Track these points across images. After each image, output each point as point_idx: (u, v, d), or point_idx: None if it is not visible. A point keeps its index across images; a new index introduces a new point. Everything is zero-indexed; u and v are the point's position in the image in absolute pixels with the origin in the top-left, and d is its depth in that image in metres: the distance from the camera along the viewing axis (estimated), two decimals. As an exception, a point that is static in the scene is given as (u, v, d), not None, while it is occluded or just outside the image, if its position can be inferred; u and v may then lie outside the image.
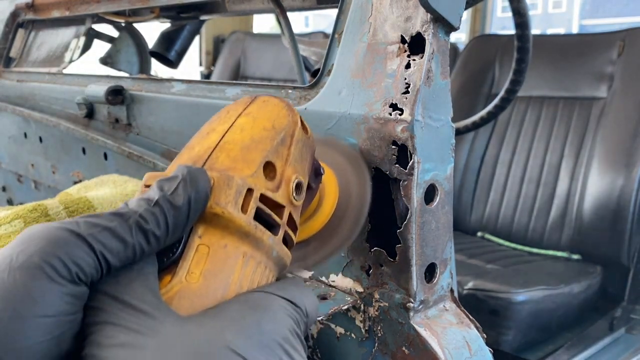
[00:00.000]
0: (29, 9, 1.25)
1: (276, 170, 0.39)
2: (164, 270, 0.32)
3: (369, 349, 0.59)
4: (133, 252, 0.30)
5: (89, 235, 0.28)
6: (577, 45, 1.76)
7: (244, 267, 0.34)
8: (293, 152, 0.41)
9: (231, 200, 0.34)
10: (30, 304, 0.26)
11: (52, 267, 0.27)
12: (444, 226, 0.55)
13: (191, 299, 0.30)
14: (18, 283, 0.26)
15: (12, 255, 0.27)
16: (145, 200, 0.31)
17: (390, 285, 0.55)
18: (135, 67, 1.33)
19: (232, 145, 0.38)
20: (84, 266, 0.28)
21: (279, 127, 0.40)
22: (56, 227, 0.28)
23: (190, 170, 0.33)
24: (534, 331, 1.37)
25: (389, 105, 0.52)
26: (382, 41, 0.54)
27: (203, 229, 0.34)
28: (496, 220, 1.75)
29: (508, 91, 1.14)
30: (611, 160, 1.55)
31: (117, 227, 0.29)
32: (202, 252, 0.33)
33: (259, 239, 0.35)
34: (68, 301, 0.27)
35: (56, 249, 0.27)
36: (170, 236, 0.31)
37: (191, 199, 0.32)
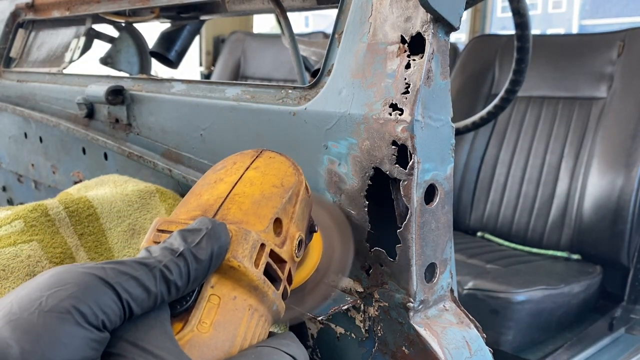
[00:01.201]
0: (29, 9, 1.25)
1: (282, 227, 0.41)
2: (175, 317, 0.33)
3: (369, 348, 0.59)
4: (155, 301, 0.31)
5: (116, 284, 0.29)
6: (577, 46, 1.76)
7: (249, 320, 0.35)
8: (297, 210, 0.42)
9: (247, 255, 0.36)
10: (58, 348, 0.27)
11: (81, 314, 0.28)
12: (444, 226, 0.55)
13: (201, 348, 0.31)
14: (48, 327, 0.27)
15: (42, 299, 0.28)
16: (169, 250, 0.33)
17: (390, 285, 0.55)
18: (135, 67, 1.33)
19: (243, 198, 0.39)
20: (110, 315, 0.29)
21: (287, 185, 0.42)
22: (85, 272, 0.29)
23: (214, 225, 0.35)
24: (534, 331, 1.37)
25: (389, 105, 0.52)
26: (382, 41, 0.54)
27: (216, 279, 0.35)
28: (496, 220, 1.75)
29: (508, 91, 1.14)
30: (611, 160, 1.55)
31: (143, 276, 0.31)
32: (213, 302, 0.34)
33: (265, 293, 0.36)
34: (92, 347, 0.28)
35: (86, 296, 0.28)
36: (189, 287, 0.33)
37: (213, 254, 0.34)
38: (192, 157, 0.75)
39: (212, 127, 0.72)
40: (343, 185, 0.56)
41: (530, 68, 1.11)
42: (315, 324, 0.64)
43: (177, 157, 0.78)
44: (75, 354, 0.27)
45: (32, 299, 0.28)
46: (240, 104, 0.67)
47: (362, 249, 0.56)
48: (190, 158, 0.76)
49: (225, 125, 0.69)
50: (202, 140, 0.73)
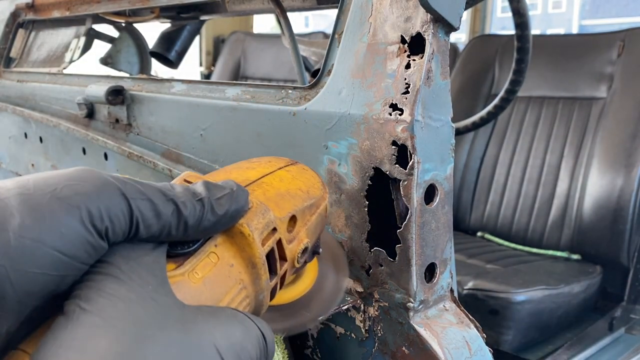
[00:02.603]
0: (29, 9, 1.25)
1: (295, 226, 0.41)
2: (171, 257, 0.33)
3: (368, 348, 0.59)
4: (161, 230, 0.31)
5: (132, 199, 0.29)
6: (576, 46, 1.76)
7: (236, 294, 0.35)
8: (313, 220, 0.43)
9: (259, 229, 0.36)
10: (54, 235, 0.26)
11: (89, 213, 0.28)
12: (444, 226, 0.55)
13: (185, 294, 0.31)
14: (53, 212, 0.27)
15: (57, 185, 0.28)
16: (192, 192, 0.33)
17: (390, 285, 0.55)
18: (135, 67, 1.33)
19: (270, 187, 0.41)
20: (116, 225, 0.29)
21: (312, 194, 0.44)
22: (107, 179, 0.29)
23: (238, 187, 0.35)
24: (534, 331, 1.37)
25: (389, 105, 0.52)
26: (382, 41, 0.54)
27: (222, 239, 0.35)
28: (496, 220, 1.75)
29: (508, 91, 1.14)
30: (611, 161, 1.55)
31: (159, 202, 0.31)
32: (211, 259, 0.34)
33: (260, 276, 0.37)
34: (87, 250, 0.28)
35: (99, 199, 0.28)
36: (193, 234, 0.33)
37: (229, 213, 0.34)
38: (192, 157, 0.75)
39: (212, 127, 0.72)
40: (343, 185, 0.57)
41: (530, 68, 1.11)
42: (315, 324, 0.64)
43: (177, 157, 0.78)
44: (67, 248, 0.27)
45: (49, 183, 0.28)
46: (240, 104, 0.67)
47: (362, 249, 0.56)
48: (190, 158, 0.76)
49: (225, 125, 0.69)
50: (202, 140, 0.73)
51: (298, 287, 0.48)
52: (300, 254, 0.42)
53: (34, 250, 0.26)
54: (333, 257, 0.53)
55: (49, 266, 0.26)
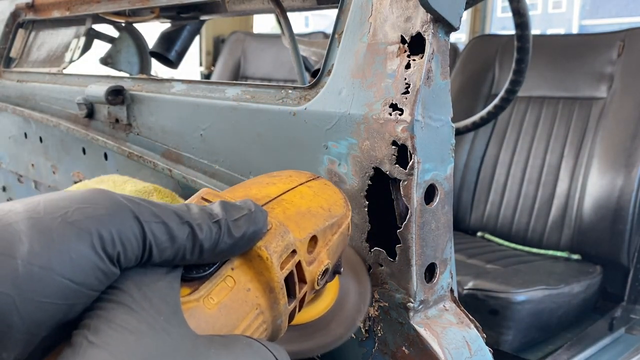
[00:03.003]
0: (29, 9, 1.25)
1: (316, 247, 0.40)
2: (185, 282, 0.32)
3: (368, 348, 0.59)
4: (175, 254, 0.30)
5: (145, 223, 0.28)
6: (577, 46, 1.76)
7: (253, 319, 0.34)
8: (334, 240, 0.42)
9: (278, 252, 0.35)
10: (63, 262, 0.25)
11: (100, 238, 0.27)
12: (444, 226, 0.55)
13: (199, 321, 0.30)
14: (63, 237, 0.26)
15: (69, 208, 0.27)
16: (208, 214, 0.32)
17: (390, 285, 0.55)
18: (135, 67, 1.33)
19: (290, 205, 0.39)
20: (128, 250, 0.28)
21: (334, 212, 0.42)
22: (120, 201, 0.28)
23: (256, 208, 0.34)
24: (534, 331, 1.37)
25: (389, 105, 0.52)
26: (382, 41, 0.54)
27: (239, 262, 0.34)
28: (496, 220, 1.75)
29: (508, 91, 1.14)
30: (611, 161, 1.55)
31: (174, 225, 0.29)
32: (228, 283, 0.33)
33: (278, 301, 0.35)
34: (97, 277, 0.27)
35: (112, 223, 0.27)
36: (209, 257, 0.32)
37: (246, 235, 0.33)
38: (192, 157, 0.75)
39: (212, 127, 0.72)
40: (343, 185, 0.56)
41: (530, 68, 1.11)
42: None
43: (177, 157, 0.78)
44: (77, 275, 0.26)
45: (60, 206, 0.27)
46: (240, 104, 0.67)
47: (362, 249, 0.56)
48: (190, 158, 0.76)
49: (225, 125, 0.69)
50: (202, 140, 0.73)
51: (318, 306, 0.46)
52: (320, 275, 0.40)
53: (42, 278, 0.25)
54: (355, 272, 0.51)
55: (58, 295, 0.26)
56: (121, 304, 0.27)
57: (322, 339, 0.46)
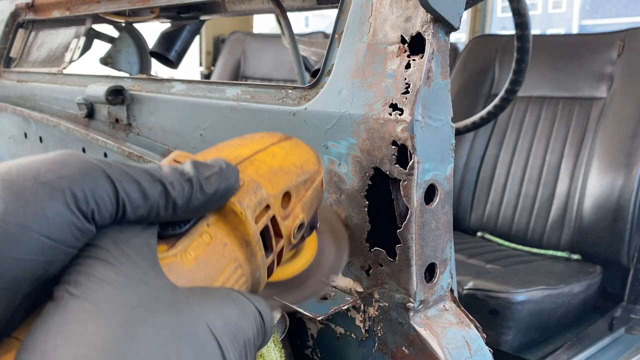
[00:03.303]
0: (29, 9, 1.25)
1: (290, 203, 0.41)
2: (162, 239, 0.33)
3: (368, 348, 0.59)
4: (149, 211, 0.30)
5: (117, 181, 0.29)
6: (577, 46, 1.76)
7: (231, 272, 0.35)
8: (308, 196, 0.43)
9: (252, 206, 0.36)
10: (40, 220, 0.26)
11: (73, 196, 0.27)
12: (444, 226, 0.55)
13: (178, 275, 0.31)
14: (38, 197, 0.26)
15: (40, 170, 0.28)
16: (180, 172, 0.32)
17: (390, 285, 0.55)
18: (135, 67, 1.33)
19: (262, 164, 0.40)
20: (102, 208, 0.28)
21: (306, 169, 0.43)
22: (91, 161, 0.29)
23: (227, 166, 0.35)
24: (534, 331, 1.37)
25: (389, 105, 0.52)
26: (382, 41, 0.54)
27: (215, 218, 0.35)
28: (496, 220, 1.75)
29: (508, 91, 1.14)
30: (611, 161, 1.55)
31: (146, 183, 0.30)
32: (204, 239, 0.34)
33: (255, 254, 0.36)
34: (74, 233, 0.27)
35: (84, 182, 0.28)
36: (185, 213, 0.32)
37: (219, 191, 0.34)
38: (192, 157, 0.75)
39: (212, 127, 0.72)
40: (343, 185, 0.56)
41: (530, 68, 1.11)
42: (315, 324, 0.64)
43: (177, 157, 0.78)
44: (54, 232, 0.27)
45: (32, 168, 0.28)
46: (240, 104, 0.67)
47: (362, 249, 0.56)
48: (190, 158, 0.76)
49: (225, 125, 0.69)
50: (202, 140, 0.73)
51: (297, 263, 0.48)
52: (296, 230, 0.41)
53: (19, 236, 0.26)
54: (332, 230, 0.52)
55: (36, 251, 0.26)
56: (99, 259, 0.28)
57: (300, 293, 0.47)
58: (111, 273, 0.27)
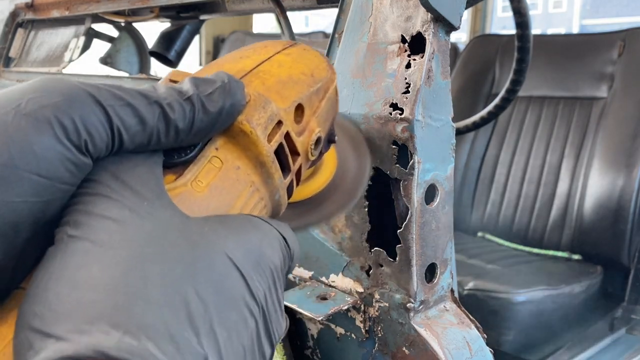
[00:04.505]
0: (28, 9, 1.25)
1: (304, 116, 0.37)
2: (168, 169, 0.29)
3: (369, 349, 0.58)
4: (149, 137, 0.27)
5: (109, 106, 0.25)
6: (577, 45, 1.76)
7: (248, 197, 0.32)
8: (322, 107, 0.39)
9: (262, 124, 0.32)
10: (29, 157, 0.23)
11: (62, 127, 0.24)
12: (445, 226, 0.55)
13: (191, 206, 0.28)
14: (22, 131, 0.23)
15: (21, 100, 0.24)
16: (177, 91, 0.29)
17: (390, 285, 0.54)
18: (135, 67, 1.33)
19: (268, 75, 0.36)
20: (95, 137, 0.25)
21: (317, 77, 0.39)
22: (77, 86, 0.26)
23: (231, 79, 0.31)
24: (535, 331, 1.37)
25: (389, 105, 0.52)
26: (382, 41, 0.54)
27: (223, 141, 0.31)
28: (496, 220, 1.75)
29: (508, 91, 1.14)
30: (612, 161, 1.54)
31: (141, 106, 0.27)
32: (214, 164, 0.31)
33: (271, 175, 0.33)
34: (68, 168, 0.24)
35: (71, 109, 0.24)
36: (189, 137, 0.29)
37: (224, 109, 0.30)
38: (191, 157, 0.75)
39: (212, 127, 0.71)
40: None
41: (530, 68, 1.11)
42: (315, 325, 0.63)
43: (176, 157, 0.78)
44: (46, 169, 0.24)
45: (11, 99, 0.24)
46: (240, 103, 0.67)
47: (362, 249, 0.56)
48: (189, 158, 0.76)
49: (225, 125, 0.69)
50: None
51: (318, 180, 0.44)
52: (313, 145, 0.37)
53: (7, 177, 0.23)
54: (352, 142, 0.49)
55: (29, 192, 0.23)
56: (99, 194, 0.25)
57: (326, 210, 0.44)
58: (113, 208, 0.24)
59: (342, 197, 0.45)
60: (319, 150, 0.39)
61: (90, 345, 0.20)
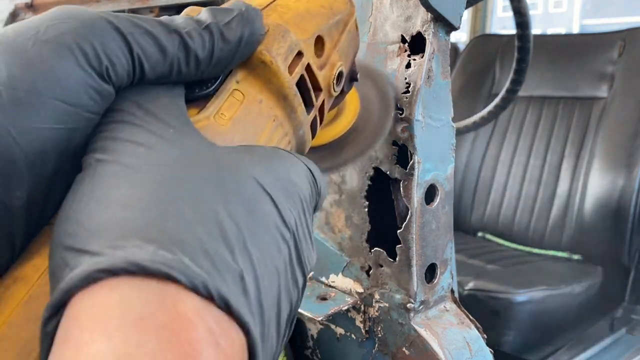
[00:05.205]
0: (28, 9, 1.25)
1: (325, 49, 0.36)
2: (190, 102, 0.29)
3: (369, 349, 0.58)
4: (170, 67, 0.27)
5: (129, 34, 0.25)
6: (577, 45, 1.76)
7: (272, 131, 0.31)
8: (343, 40, 0.38)
9: (282, 54, 0.31)
10: (51, 83, 0.23)
11: (83, 53, 0.24)
12: (445, 226, 0.55)
13: (215, 139, 0.27)
14: (43, 56, 0.23)
15: (39, 27, 0.24)
16: (195, 20, 0.28)
17: (390, 285, 0.54)
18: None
19: (286, 9, 0.35)
20: (117, 64, 0.25)
21: (336, 9, 0.38)
22: (94, 13, 0.25)
23: (248, 7, 0.30)
24: (535, 331, 1.37)
25: (389, 105, 0.52)
26: (382, 41, 0.54)
27: (243, 74, 0.31)
28: (497, 220, 1.75)
29: (509, 91, 1.14)
30: (612, 161, 1.54)
31: (161, 35, 0.26)
32: (236, 97, 0.30)
33: (295, 109, 0.32)
34: (91, 96, 0.24)
35: (91, 36, 0.24)
36: (209, 68, 0.28)
37: (243, 38, 0.29)
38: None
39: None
40: (343, 185, 0.56)
41: (530, 68, 1.11)
42: (315, 325, 0.63)
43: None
44: (69, 96, 0.23)
45: (30, 26, 0.24)
46: (240, 103, 0.67)
47: (362, 249, 0.56)
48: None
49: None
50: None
51: (341, 123, 0.43)
52: (335, 80, 0.36)
53: (31, 102, 0.23)
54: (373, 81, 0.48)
55: (53, 118, 0.23)
56: (124, 122, 0.25)
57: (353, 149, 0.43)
58: (140, 134, 0.24)
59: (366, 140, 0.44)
60: (341, 86, 0.38)
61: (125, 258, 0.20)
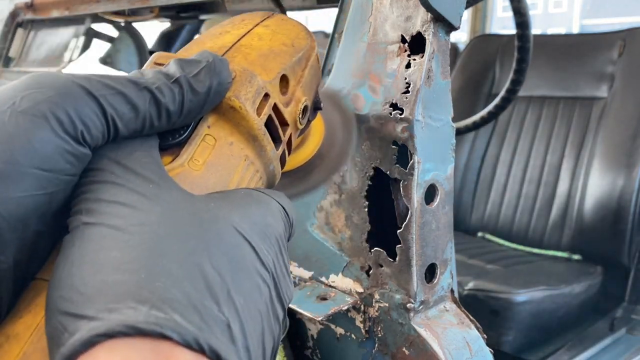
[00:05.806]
0: (28, 9, 1.25)
1: (289, 87, 0.38)
2: (164, 151, 0.30)
3: (369, 349, 0.58)
4: (142, 123, 0.28)
5: (101, 96, 0.26)
6: (577, 45, 1.76)
7: (244, 171, 0.33)
8: (306, 75, 0.40)
9: (250, 98, 0.33)
10: (30, 153, 0.24)
11: (58, 121, 0.25)
12: (445, 226, 0.55)
13: (191, 185, 0.29)
14: (20, 128, 0.24)
15: (15, 98, 0.25)
16: (164, 74, 0.29)
17: (390, 285, 0.54)
18: (134, 67, 1.33)
19: (250, 49, 0.37)
20: (91, 127, 0.26)
21: (298, 46, 0.39)
22: (67, 79, 0.26)
23: (215, 58, 0.32)
24: (535, 332, 1.37)
25: (389, 105, 0.52)
26: (382, 41, 0.54)
27: (214, 119, 0.32)
28: (497, 220, 1.75)
29: (509, 91, 1.14)
30: (612, 161, 1.54)
31: (131, 93, 0.27)
32: (208, 142, 0.32)
33: (264, 148, 0.34)
34: (68, 160, 0.25)
35: (65, 103, 0.25)
36: (180, 119, 0.30)
37: (212, 88, 0.31)
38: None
39: (212, 127, 0.71)
40: (343, 185, 0.56)
41: (530, 68, 1.11)
42: (315, 325, 0.63)
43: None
44: (47, 163, 0.24)
45: (5, 98, 0.25)
46: (239, 103, 0.67)
47: (362, 249, 0.56)
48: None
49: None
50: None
51: (308, 147, 0.45)
52: (301, 114, 0.38)
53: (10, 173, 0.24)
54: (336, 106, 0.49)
55: (33, 186, 0.24)
56: (105, 182, 0.26)
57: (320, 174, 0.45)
58: (122, 193, 0.25)
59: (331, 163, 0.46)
60: (307, 118, 0.40)
61: (121, 322, 0.21)
